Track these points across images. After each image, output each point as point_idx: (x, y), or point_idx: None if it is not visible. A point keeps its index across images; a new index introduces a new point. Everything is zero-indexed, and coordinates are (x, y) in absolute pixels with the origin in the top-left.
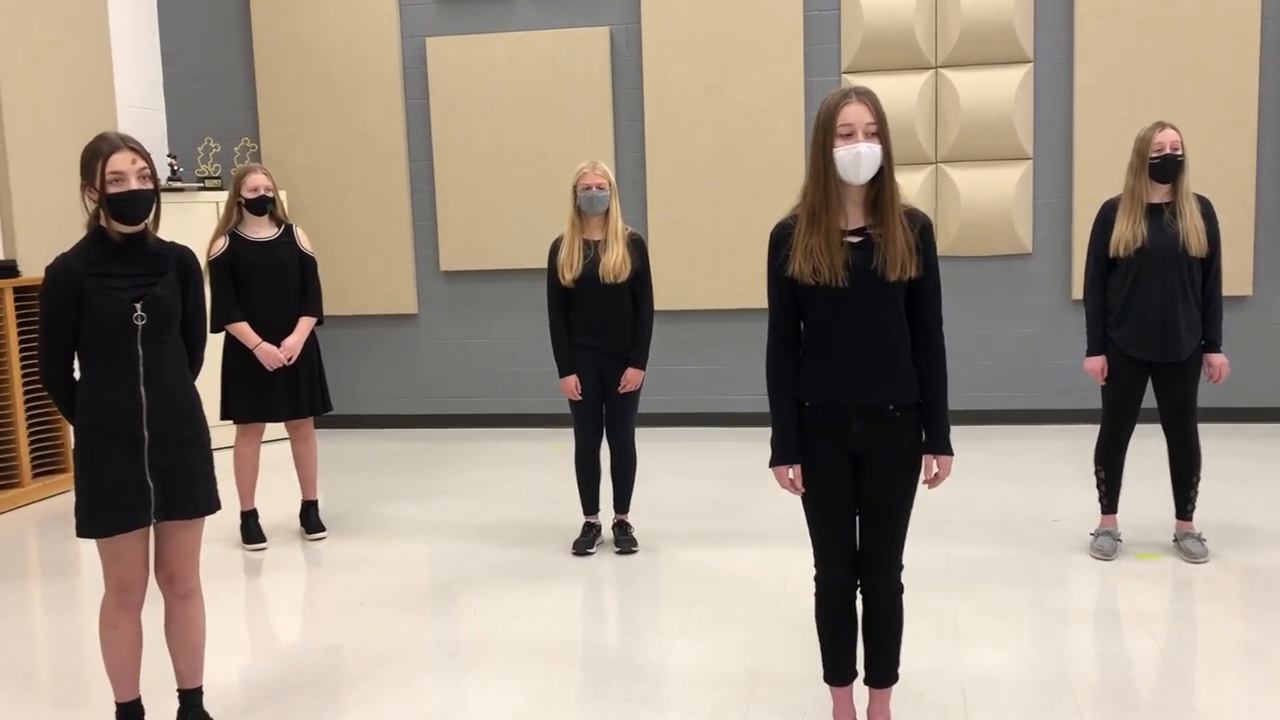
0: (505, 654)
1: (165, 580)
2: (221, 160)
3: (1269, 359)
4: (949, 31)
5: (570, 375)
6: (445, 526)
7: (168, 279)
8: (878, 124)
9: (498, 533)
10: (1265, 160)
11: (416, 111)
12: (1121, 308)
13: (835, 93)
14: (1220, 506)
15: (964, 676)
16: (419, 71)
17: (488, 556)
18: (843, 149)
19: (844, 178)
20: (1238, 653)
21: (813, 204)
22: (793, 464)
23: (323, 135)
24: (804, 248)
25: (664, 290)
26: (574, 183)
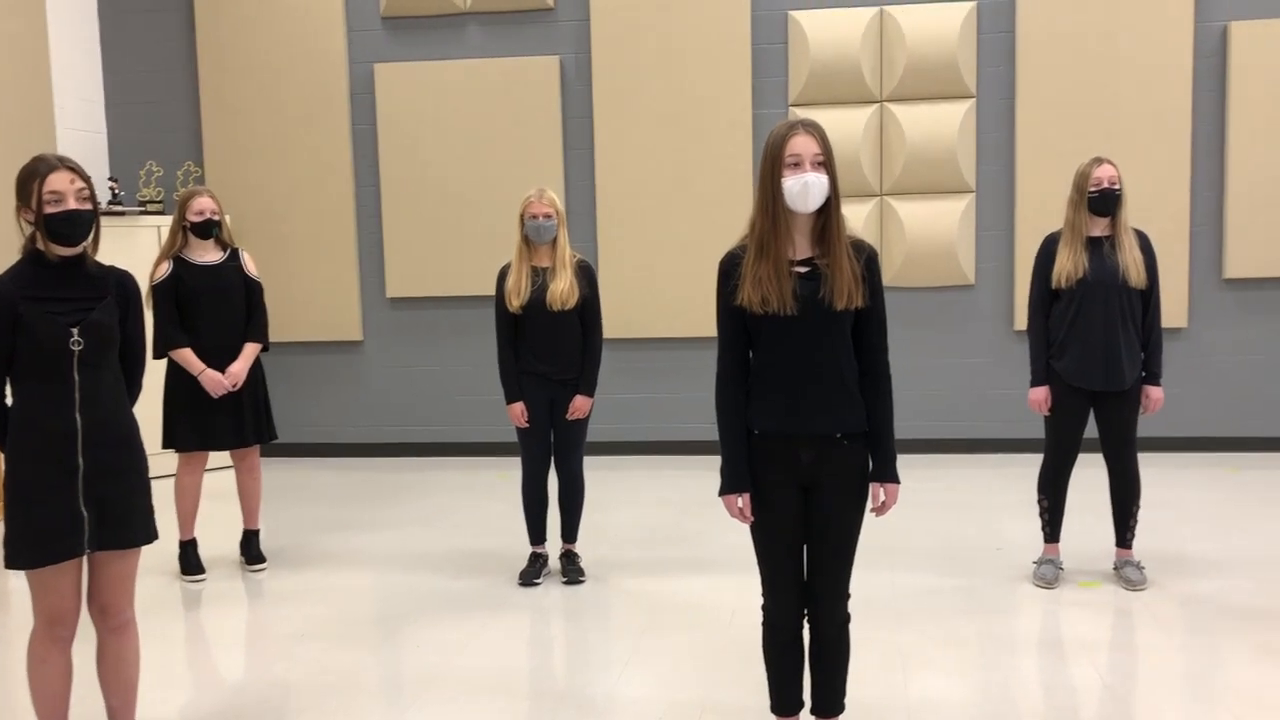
0: (451, 686)
1: (98, 612)
2: (164, 184)
3: (1204, 390)
4: (894, 66)
5: (517, 402)
6: (390, 557)
7: (106, 303)
8: (825, 155)
9: (444, 563)
10: (1199, 195)
11: (364, 137)
12: (1064, 338)
13: (783, 124)
14: (1159, 535)
15: (910, 706)
16: (367, 97)
17: (434, 587)
18: (791, 179)
19: (792, 207)
20: (1177, 680)
21: (761, 234)
22: (742, 492)
23: (268, 160)
24: (753, 277)
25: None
26: (521, 211)
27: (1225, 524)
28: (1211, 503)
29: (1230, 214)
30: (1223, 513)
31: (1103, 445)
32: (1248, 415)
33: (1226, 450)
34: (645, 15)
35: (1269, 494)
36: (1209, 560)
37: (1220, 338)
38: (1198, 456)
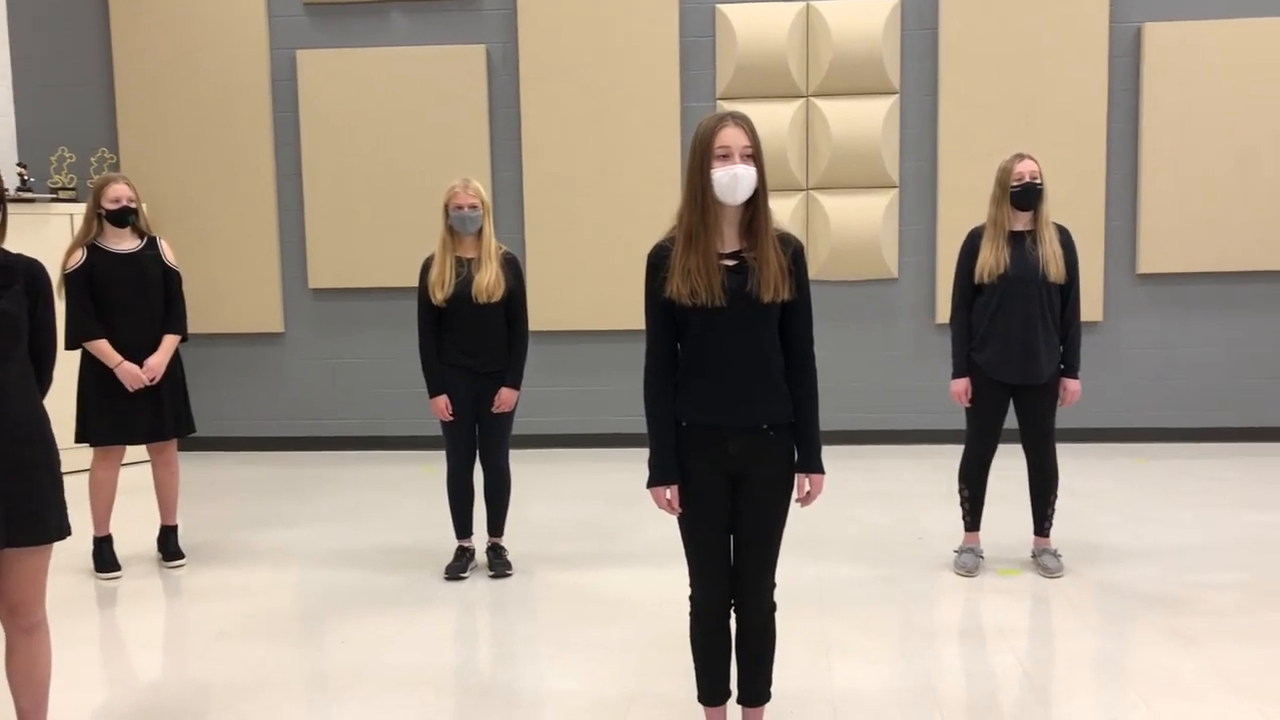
0: (377, 683)
1: (7, 612)
2: (76, 171)
3: (1120, 383)
4: (820, 61)
5: (441, 396)
6: (313, 553)
7: (14, 293)
8: (753, 148)
9: (368, 558)
10: (1114, 192)
11: (285, 125)
12: (985, 332)
13: (711, 116)
14: (1075, 523)
15: (834, 694)
16: (288, 84)
17: (358, 583)
18: (720, 170)
19: (721, 199)
20: (1092, 664)
21: (690, 226)
22: (671, 484)
23: (186, 147)
24: (682, 269)
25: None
26: (445, 201)
27: (1137, 513)
28: (1125, 492)
29: (1143, 211)
30: (1135, 502)
31: (1022, 436)
32: (1159, 407)
33: (1139, 441)
34: (573, 5)
35: (1178, 484)
36: (1122, 548)
37: (1134, 331)
38: (1112, 447)
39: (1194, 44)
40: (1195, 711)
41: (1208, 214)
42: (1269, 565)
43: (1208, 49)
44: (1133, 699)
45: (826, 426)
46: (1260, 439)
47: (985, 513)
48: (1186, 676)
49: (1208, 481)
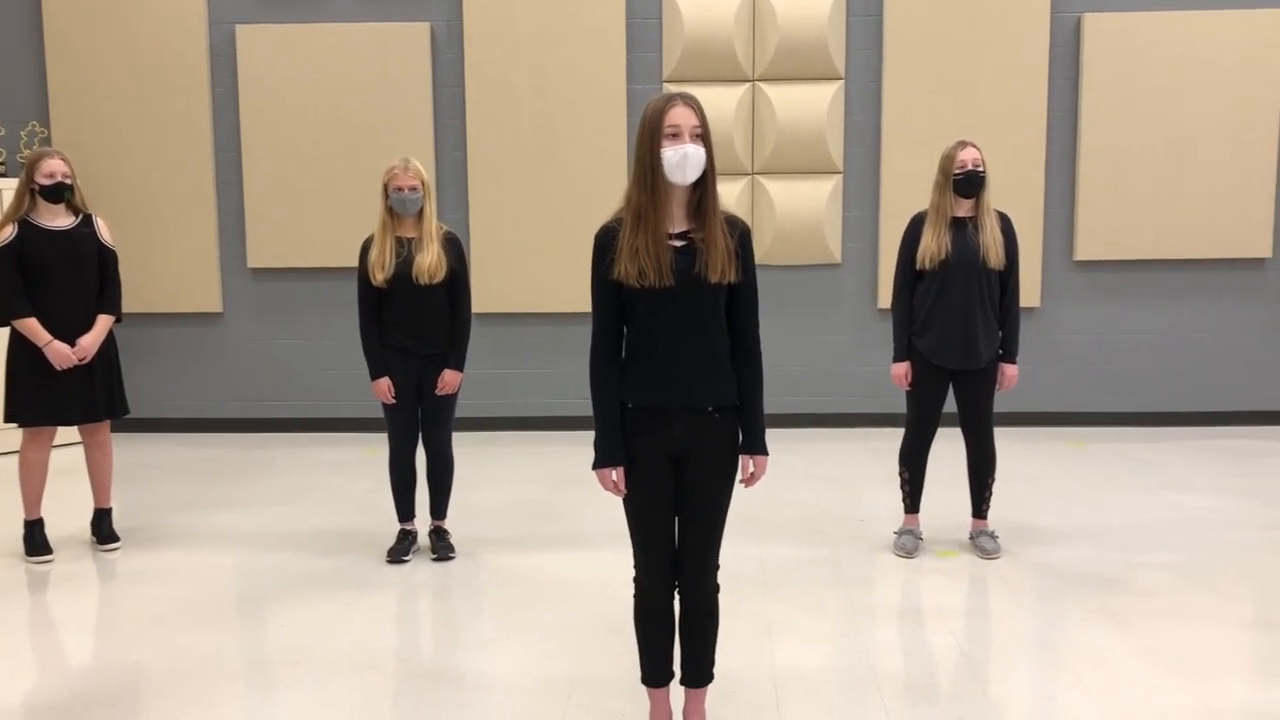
0: (318, 667)
1: None
2: (6, 145)
3: (1055, 368)
4: (766, 46)
5: (382, 378)
6: (253, 536)
7: None
8: (703, 128)
9: (309, 542)
10: (1052, 180)
11: (224, 100)
12: (926, 317)
13: (660, 96)
14: (1012, 506)
15: (776, 674)
16: (228, 59)
17: (299, 566)
18: (670, 149)
19: (670, 179)
20: (1027, 643)
21: (638, 206)
22: (616, 466)
23: (121, 121)
24: (630, 249)
25: (484, 292)
26: (385, 182)
27: (1072, 495)
28: (1060, 475)
29: (1081, 199)
30: (1070, 485)
31: (961, 420)
32: (1095, 392)
33: (1076, 425)
34: None
35: (1111, 467)
36: (1057, 530)
37: (1071, 317)
38: (1049, 431)
39: (1132, 35)
40: (1126, 689)
41: (1144, 203)
42: (1199, 546)
43: (1145, 40)
44: (1066, 677)
45: (769, 410)
46: (1193, 424)
47: (924, 495)
48: (1118, 655)
49: (1141, 465)
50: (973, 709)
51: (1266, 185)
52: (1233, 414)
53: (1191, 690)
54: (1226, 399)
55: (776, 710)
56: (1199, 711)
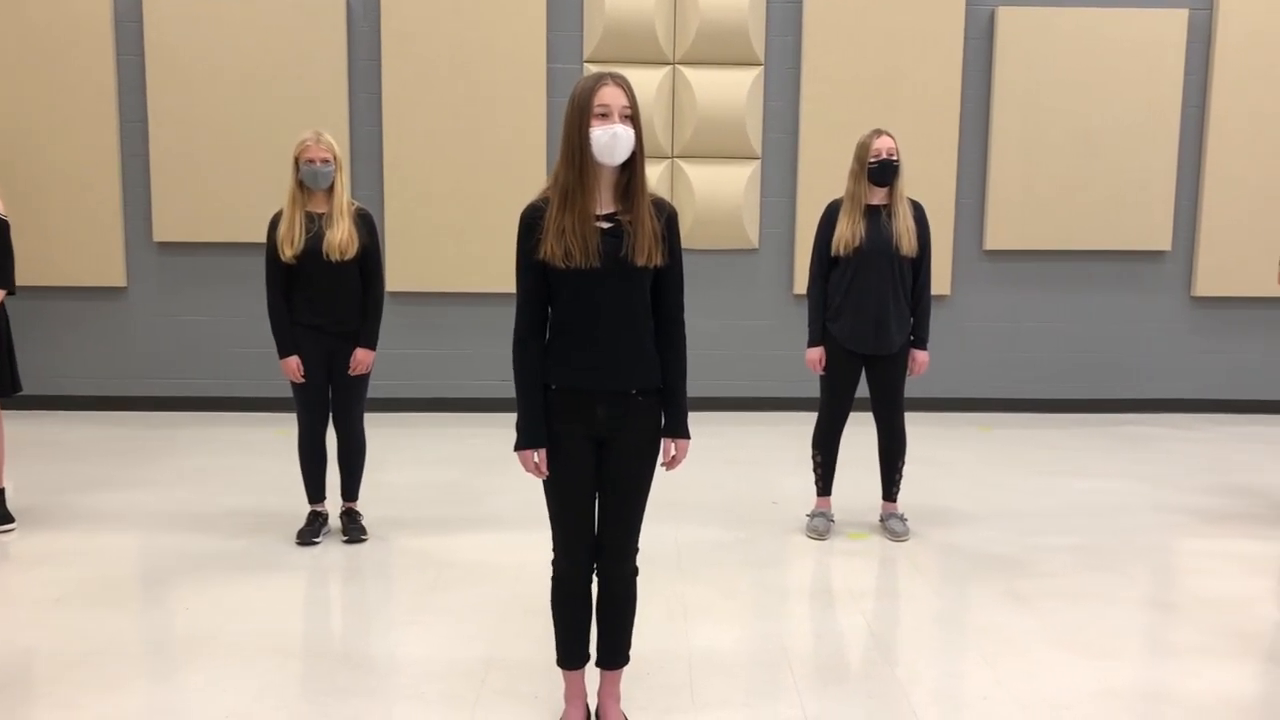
0: (222, 651)
1: None
2: None
3: (964, 354)
4: (687, 29)
5: (292, 357)
6: (157, 517)
7: None
8: (632, 109)
9: (215, 523)
10: (965, 169)
11: (130, 69)
12: (840, 303)
13: (591, 75)
14: (922, 489)
15: (691, 655)
16: (133, 25)
17: (204, 548)
18: (599, 129)
19: (599, 159)
20: (934, 623)
21: (566, 185)
22: (538, 448)
23: (19, 88)
24: (556, 229)
25: (398, 271)
26: (295, 154)
27: (980, 479)
28: (968, 460)
29: (992, 189)
30: (978, 469)
31: (873, 405)
32: (1002, 378)
33: (983, 410)
34: None
35: (1016, 451)
36: (964, 513)
37: (980, 305)
38: (958, 416)
39: (1044, 29)
40: (1030, 667)
41: (1052, 195)
42: (1100, 529)
43: (1056, 35)
44: (973, 656)
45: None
46: (1096, 410)
47: (836, 478)
48: (1022, 634)
49: (1046, 450)
50: (881, 688)
51: (1167, 181)
52: (1133, 401)
53: (1092, 669)
54: (1127, 387)
55: (690, 691)
56: (1099, 690)
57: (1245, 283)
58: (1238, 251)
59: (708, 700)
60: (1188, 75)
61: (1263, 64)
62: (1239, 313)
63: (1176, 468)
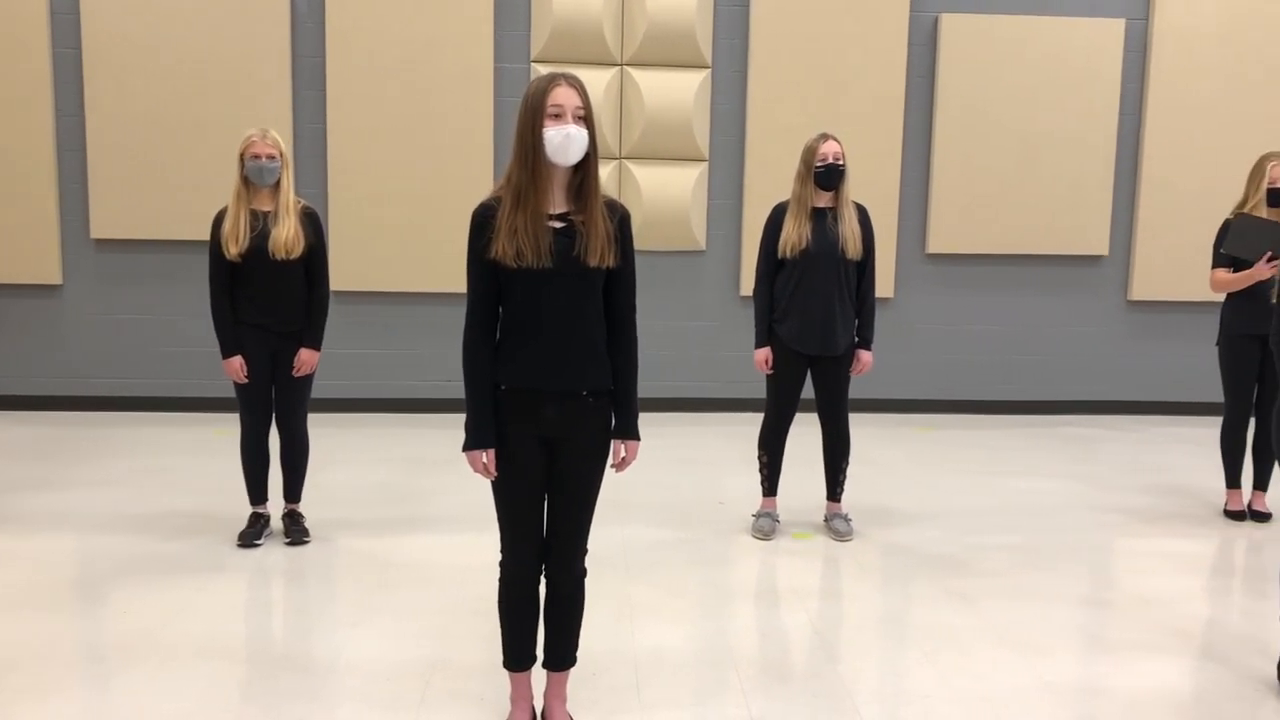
0: (162, 655)
1: None
2: None
3: (908, 356)
4: (635, 30)
5: (235, 356)
6: (94, 519)
7: None
8: (585, 109)
9: (155, 525)
10: (908, 175)
11: (66, 62)
12: (787, 304)
13: (544, 75)
14: (865, 489)
15: (637, 655)
16: (70, 18)
17: (143, 550)
18: (552, 129)
19: (552, 159)
20: (878, 622)
21: (519, 185)
22: (487, 448)
23: None
24: (508, 229)
25: (343, 270)
26: (241, 150)
27: (922, 479)
28: (910, 460)
29: (934, 194)
30: (920, 469)
31: (818, 406)
32: (944, 380)
33: (926, 411)
34: None
35: (956, 451)
36: (906, 513)
37: (922, 308)
38: (901, 417)
39: (986, 37)
40: (971, 665)
41: (992, 199)
42: (1039, 528)
43: (998, 42)
44: (915, 655)
45: None
46: (1036, 411)
47: (782, 478)
48: (964, 632)
49: (987, 450)
50: (826, 687)
51: (1104, 187)
52: (1071, 403)
53: (1031, 666)
54: (1066, 389)
55: (637, 692)
56: (1038, 687)
57: (1180, 287)
58: (1172, 256)
59: (654, 701)
60: (1124, 83)
61: (1196, 73)
62: (1174, 316)
63: (1113, 468)
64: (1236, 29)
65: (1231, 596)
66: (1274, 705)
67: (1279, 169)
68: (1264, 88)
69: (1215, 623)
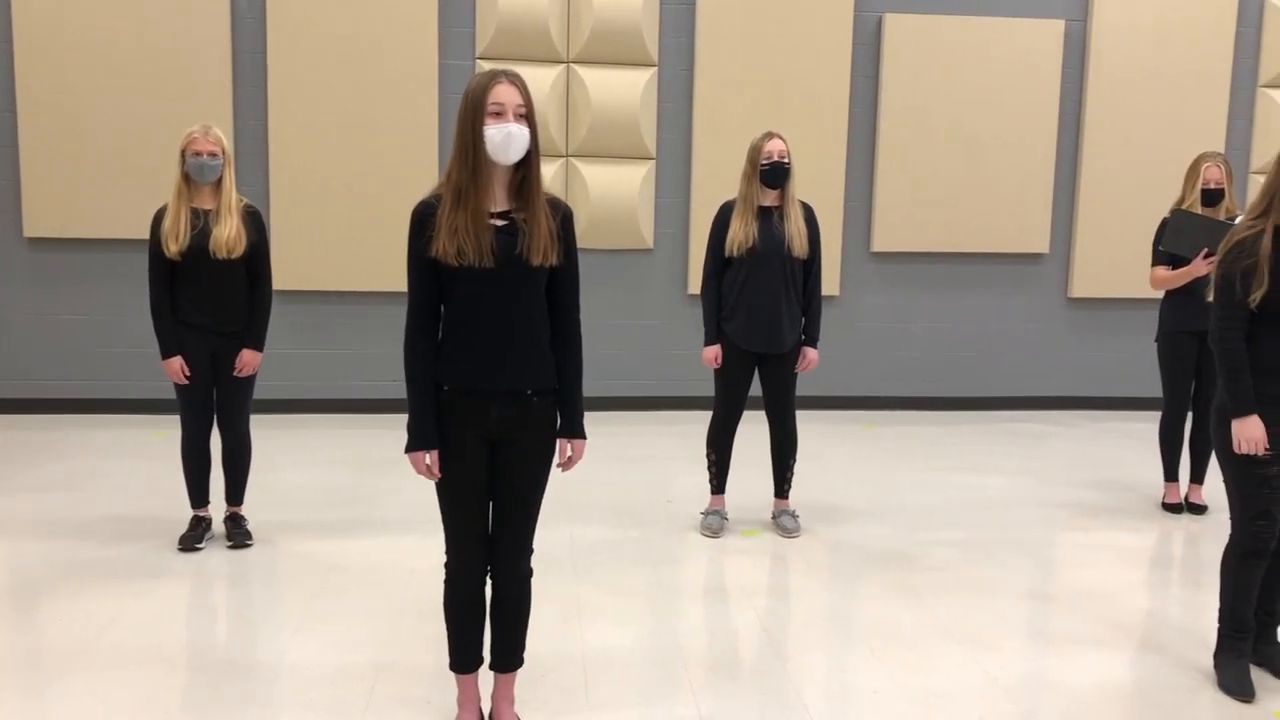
0: (101, 661)
1: None
2: None
3: (854, 354)
4: (581, 28)
5: (175, 357)
6: (30, 523)
7: None
8: (527, 107)
9: (94, 529)
10: (853, 174)
11: None
12: (734, 303)
13: (485, 72)
14: (812, 486)
15: (585, 655)
16: (1, 12)
17: (82, 555)
18: (493, 127)
19: (493, 157)
20: (824, 619)
21: (459, 183)
22: (430, 449)
23: None
24: (449, 227)
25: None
26: (182, 147)
27: (868, 476)
28: (857, 457)
29: (879, 193)
30: (866, 466)
31: (765, 404)
32: (890, 377)
33: (871, 409)
34: None
35: (900, 448)
36: (853, 509)
37: (868, 306)
38: (847, 414)
39: (929, 37)
40: (918, 659)
41: (936, 198)
42: (982, 524)
43: (941, 43)
44: (862, 650)
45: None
46: (979, 407)
47: (730, 476)
48: (910, 627)
49: (932, 446)
50: (774, 684)
51: (1045, 186)
52: (1014, 399)
53: (977, 660)
54: (1009, 385)
55: (585, 692)
56: (983, 681)
57: (1119, 284)
58: (1111, 254)
59: (602, 701)
60: (1064, 83)
61: (1134, 73)
62: (1113, 313)
63: (1055, 463)
64: (1173, 30)
65: (1170, 588)
66: (1210, 693)
67: (1213, 170)
68: (1200, 87)
69: (1154, 614)
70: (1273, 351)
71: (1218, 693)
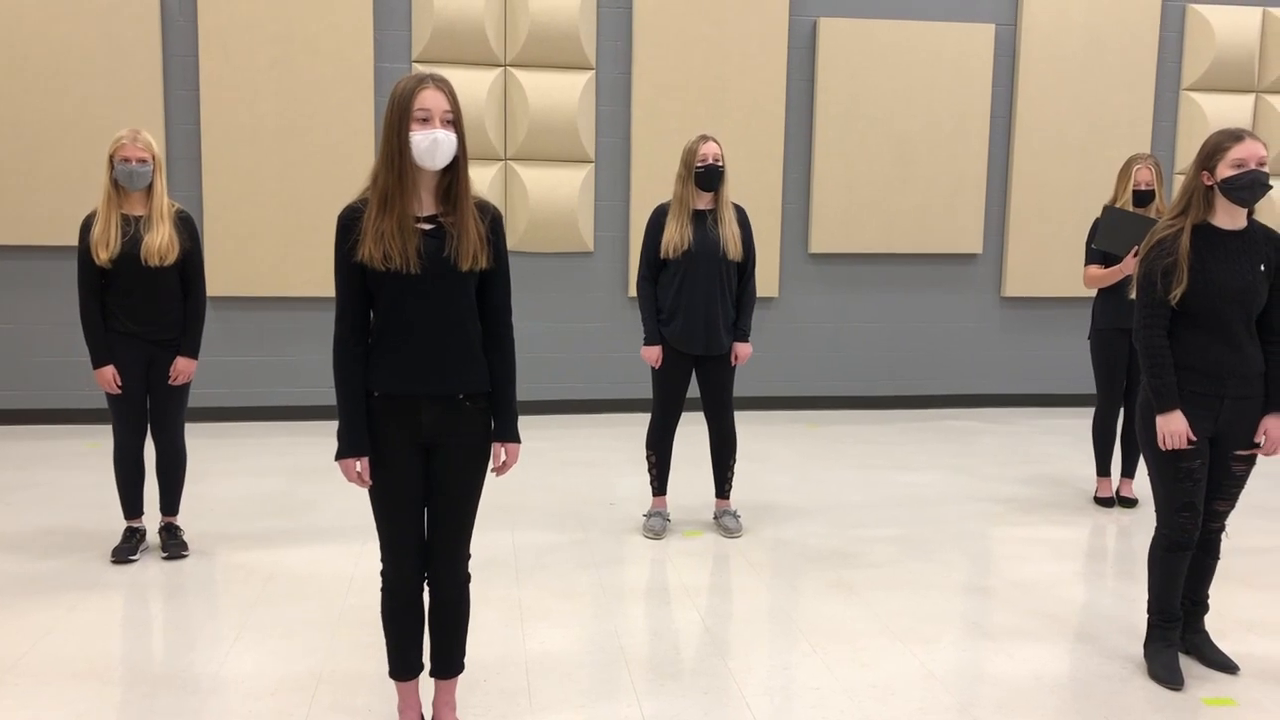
0: (31, 677)
1: None
2: None
3: (792, 354)
4: (518, 31)
5: (107, 366)
6: None
7: None
8: (454, 113)
9: (22, 542)
10: (790, 175)
11: None
12: (671, 305)
13: (411, 77)
14: (753, 486)
15: (528, 659)
16: None
17: (10, 569)
18: (419, 134)
19: (419, 163)
20: (766, 617)
21: (385, 188)
22: (361, 456)
23: None
24: (375, 232)
25: (218, 275)
26: (110, 153)
27: (807, 475)
28: (796, 456)
29: (816, 195)
30: (805, 465)
31: (704, 405)
32: (828, 377)
33: (810, 408)
34: None
35: (841, 447)
36: (793, 507)
37: (807, 307)
38: (786, 414)
39: (863, 40)
40: (857, 655)
41: (872, 200)
42: (919, 520)
43: (875, 46)
44: (803, 647)
45: (522, 397)
46: (916, 406)
47: (671, 477)
48: (850, 624)
49: (869, 445)
50: (717, 683)
51: (978, 187)
52: (950, 397)
53: (914, 654)
54: (944, 383)
55: (528, 696)
56: (920, 674)
57: (1050, 284)
58: (1043, 254)
59: (545, 704)
60: (995, 86)
61: (1061, 76)
62: (1045, 312)
63: (989, 459)
64: (1100, 34)
65: (1103, 580)
66: (1141, 682)
67: (1144, 171)
68: (1128, 88)
69: (1087, 606)
70: (1194, 348)
71: (1148, 681)
